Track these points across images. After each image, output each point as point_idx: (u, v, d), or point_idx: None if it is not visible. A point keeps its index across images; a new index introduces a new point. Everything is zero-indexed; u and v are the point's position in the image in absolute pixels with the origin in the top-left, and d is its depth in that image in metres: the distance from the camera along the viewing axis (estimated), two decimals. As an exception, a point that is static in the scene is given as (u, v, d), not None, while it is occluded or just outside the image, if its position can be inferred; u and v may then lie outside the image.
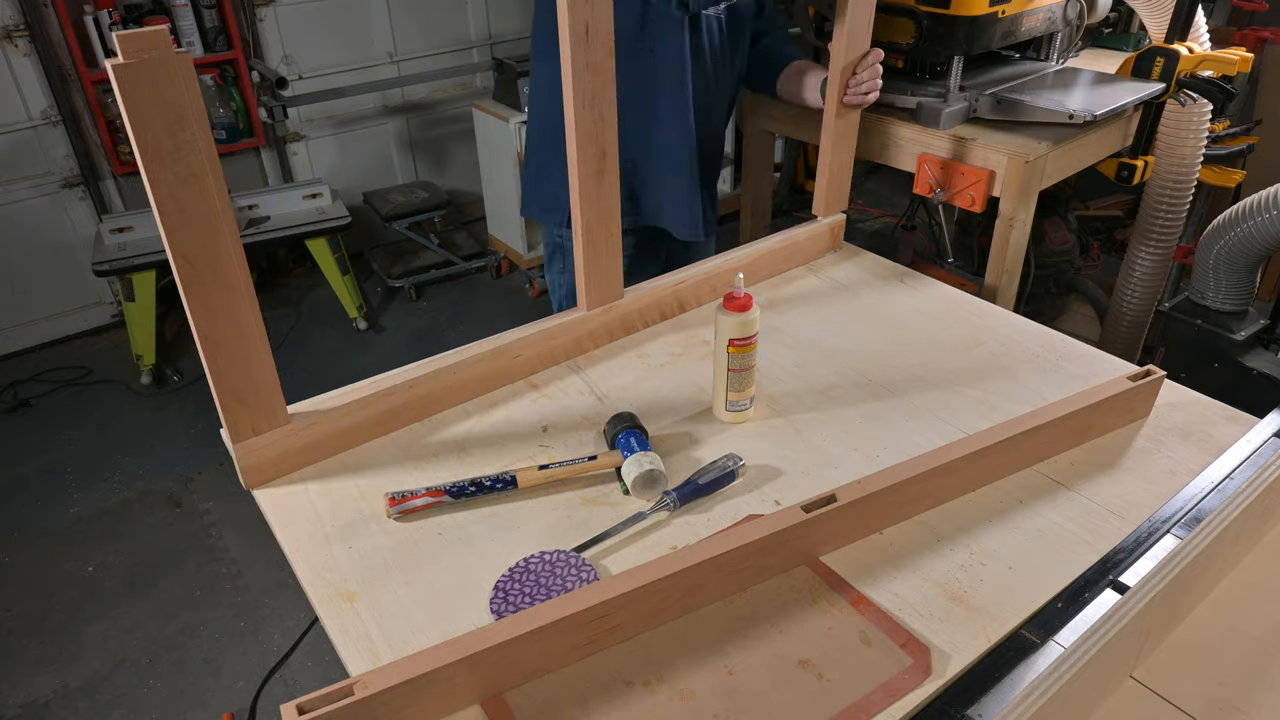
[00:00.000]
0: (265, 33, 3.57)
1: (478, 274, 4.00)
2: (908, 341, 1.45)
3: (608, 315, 1.43)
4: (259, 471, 1.15)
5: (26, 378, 3.33)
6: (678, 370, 1.38)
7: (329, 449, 1.21)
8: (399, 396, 1.24)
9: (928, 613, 0.95)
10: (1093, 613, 0.90)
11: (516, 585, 0.99)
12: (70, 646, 2.26)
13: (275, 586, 2.40)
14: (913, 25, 1.86)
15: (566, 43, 1.15)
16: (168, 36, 0.87)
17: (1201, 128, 2.03)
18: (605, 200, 1.30)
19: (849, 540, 1.04)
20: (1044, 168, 1.82)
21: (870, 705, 0.85)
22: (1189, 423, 1.24)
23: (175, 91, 0.89)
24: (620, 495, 1.14)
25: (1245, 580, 1.02)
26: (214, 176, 0.95)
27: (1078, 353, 1.41)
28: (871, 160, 2.03)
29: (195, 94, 0.90)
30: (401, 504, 1.09)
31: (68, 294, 3.52)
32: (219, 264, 1.00)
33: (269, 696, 2.10)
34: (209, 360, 1.04)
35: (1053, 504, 1.10)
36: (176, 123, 0.90)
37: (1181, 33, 1.95)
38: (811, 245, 1.70)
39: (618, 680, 0.89)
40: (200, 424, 3.08)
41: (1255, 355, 1.87)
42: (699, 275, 1.54)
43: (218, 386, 1.06)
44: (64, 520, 2.68)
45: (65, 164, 3.36)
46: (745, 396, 1.25)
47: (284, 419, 1.15)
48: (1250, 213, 1.75)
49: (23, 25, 3.10)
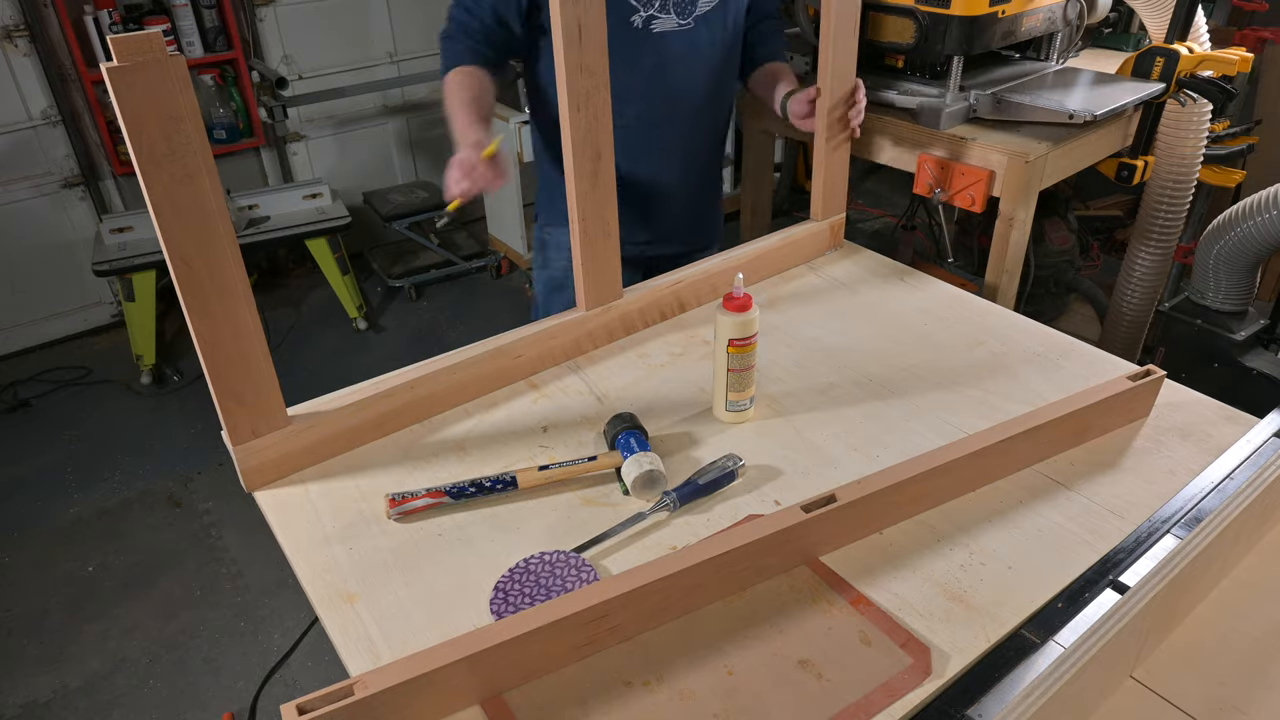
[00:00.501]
0: (265, 33, 3.57)
1: (478, 274, 4.00)
2: (908, 341, 1.45)
3: (607, 315, 1.43)
4: (259, 473, 1.15)
5: (26, 378, 3.33)
6: (678, 370, 1.38)
7: (329, 450, 1.20)
8: (399, 398, 1.24)
9: (928, 613, 0.95)
10: (1093, 613, 0.90)
11: (516, 586, 0.99)
12: (70, 646, 2.26)
13: (275, 586, 2.40)
14: (912, 25, 1.86)
15: (560, 44, 1.15)
16: (162, 40, 0.87)
17: (1201, 128, 2.03)
18: (601, 200, 1.30)
19: (849, 540, 1.04)
20: (1044, 168, 1.82)
21: (870, 705, 0.85)
22: (1189, 423, 1.24)
23: (170, 94, 0.89)
24: (620, 496, 1.14)
25: (1245, 580, 1.02)
26: (209, 178, 0.95)
27: (1078, 352, 1.40)
28: (871, 160, 2.03)
29: (190, 96, 0.90)
30: (402, 505, 1.09)
31: (68, 294, 3.53)
32: (216, 265, 1.00)
33: (269, 696, 2.10)
34: (208, 362, 1.04)
35: (1053, 504, 1.10)
36: (171, 125, 0.90)
37: (1181, 33, 1.95)
38: (812, 243, 1.70)
39: (617, 680, 0.89)
40: (200, 424, 3.08)
41: (1255, 355, 1.87)
42: (699, 275, 1.54)
43: (217, 388, 1.06)
44: (64, 520, 2.68)
45: (65, 164, 3.36)
46: (745, 396, 1.25)
47: (284, 421, 1.14)
48: (1250, 213, 1.75)
49: (23, 25, 3.10)
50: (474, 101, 1.55)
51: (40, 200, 3.35)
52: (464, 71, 1.61)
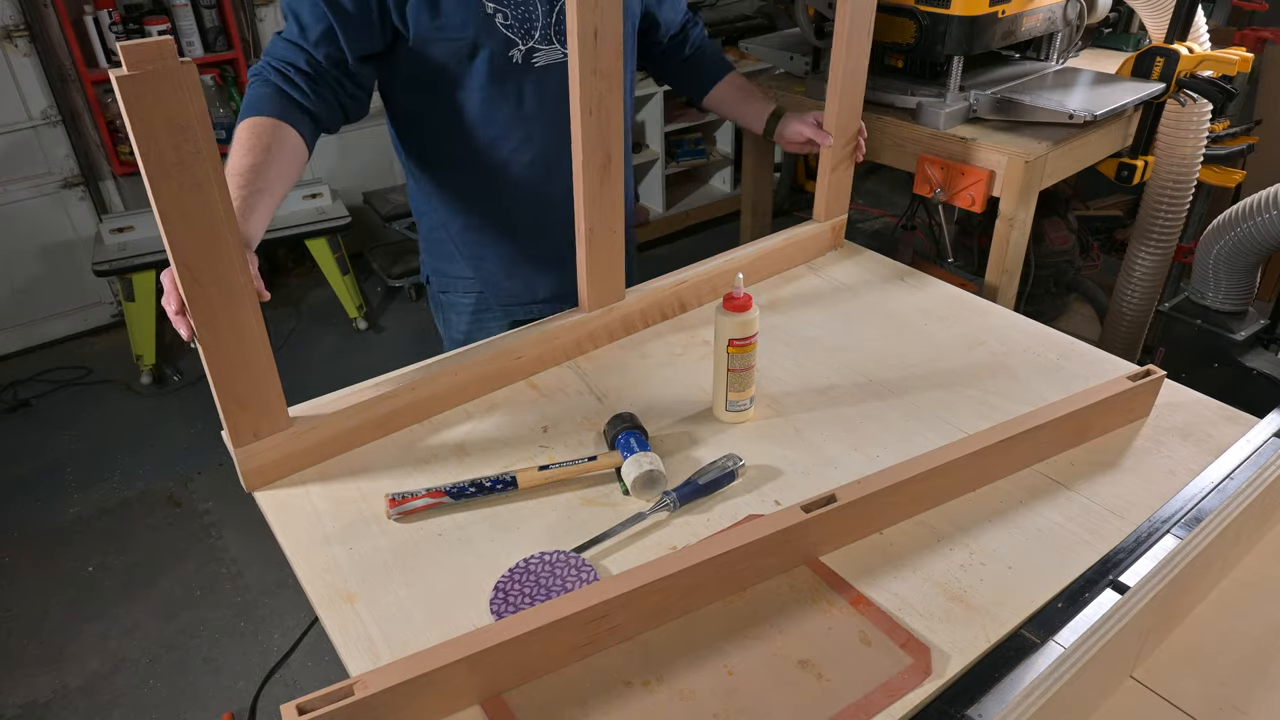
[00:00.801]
0: (265, 33, 3.57)
1: (478, 274, 4.00)
2: (908, 341, 1.45)
3: (609, 316, 1.43)
4: (260, 474, 1.15)
5: (26, 378, 3.33)
6: (678, 370, 1.38)
7: (330, 451, 1.20)
8: (400, 399, 1.24)
9: (928, 613, 0.95)
10: (1093, 613, 0.91)
11: (516, 586, 0.99)
12: (70, 646, 2.26)
13: (275, 586, 2.40)
14: (913, 25, 1.86)
15: (575, 47, 1.16)
16: (174, 47, 0.86)
17: (1201, 128, 2.03)
18: (609, 203, 1.31)
19: (849, 540, 1.04)
20: (1044, 168, 1.82)
21: (870, 705, 0.85)
22: (1189, 423, 1.24)
23: (180, 103, 0.88)
24: (620, 496, 1.14)
25: (1245, 580, 1.02)
26: (218, 186, 0.94)
27: (1078, 352, 1.41)
28: (871, 160, 2.03)
29: (200, 104, 0.89)
30: (402, 505, 1.09)
31: (68, 294, 3.53)
32: (221, 272, 0.99)
33: (269, 696, 2.10)
34: (211, 366, 1.04)
35: (1053, 504, 1.10)
36: (180, 134, 0.89)
37: (1181, 33, 1.95)
38: (813, 243, 1.70)
39: (617, 680, 0.89)
40: (200, 424, 3.08)
41: (1255, 355, 1.87)
42: (700, 275, 1.54)
43: (219, 392, 1.06)
44: (64, 520, 2.68)
45: (65, 164, 3.36)
46: (745, 396, 1.25)
47: (286, 423, 1.14)
48: (1250, 213, 1.75)
49: (23, 25, 3.10)
50: (254, 171, 1.15)
51: (40, 200, 3.35)
52: (259, 125, 1.21)
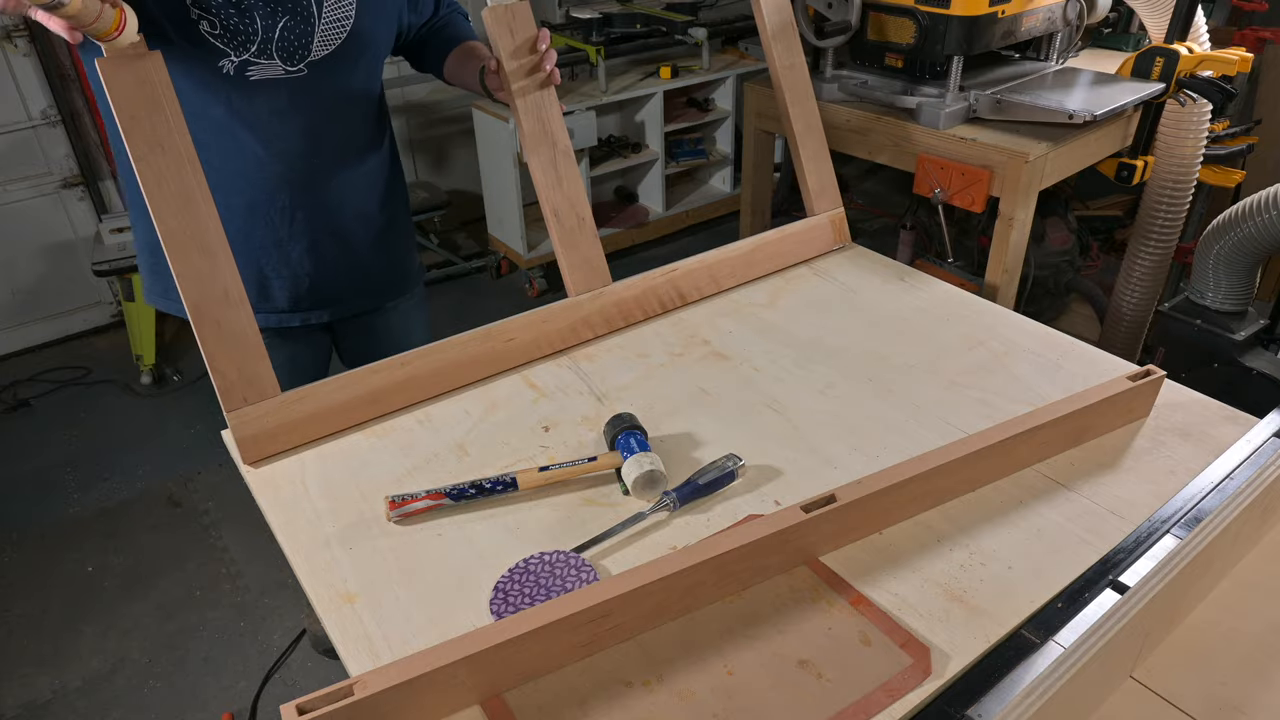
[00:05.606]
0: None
1: (478, 274, 4.00)
2: (908, 341, 1.45)
3: (600, 300, 1.44)
4: (255, 444, 1.17)
5: (26, 378, 3.33)
6: (678, 370, 1.38)
7: (324, 428, 1.23)
8: (390, 374, 1.27)
9: (927, 613, 0.95)
10: (1093, 613, 0.91)
11: (516, 586, 0.99)
12: (70, 646, 2.26)
13: (275, 586, 2.40)
14: (912, 25, 1.86)
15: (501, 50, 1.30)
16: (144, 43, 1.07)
17: (1201, 128, 2.03)
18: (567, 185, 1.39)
19: (849, 540, 1.04)
20: (1044, 168, 1.82)
21: (870, 705, 0.85)
22: (1189, 423, 1.24)
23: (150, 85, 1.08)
24: (620, 496, 1.14)
25: (1245, 580, 1.02)
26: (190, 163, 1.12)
27: (1078, 352, 1.41)
28: (871, 160, 2.03)
29: (168, 87, 1.09)
30: (402, 507, 1.09)
31: (68, 294, 3.52)
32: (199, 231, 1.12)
33: (269, 696, 2.10)
34: (196, 323, 1.13)
35: (1052, 504, 1.10)
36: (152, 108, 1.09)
37: (1181, 33, 1.95)
38: (812, 236, 1.69)
39: (617, 680, 0.89)
40: (200, 424, 3.08)
41: (1255, 355, 1.87)
42: (694, 264, 1.54)
43: (206, 349, 1.13)
44: (64, 520, 2.68)
45: (65, 164, 3.36)
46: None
47: (273, 390, 1.19)
48: (1250, 213, 1.76)
49: (22, 25, 3.10)
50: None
51: (40, 200, 3.35)
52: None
